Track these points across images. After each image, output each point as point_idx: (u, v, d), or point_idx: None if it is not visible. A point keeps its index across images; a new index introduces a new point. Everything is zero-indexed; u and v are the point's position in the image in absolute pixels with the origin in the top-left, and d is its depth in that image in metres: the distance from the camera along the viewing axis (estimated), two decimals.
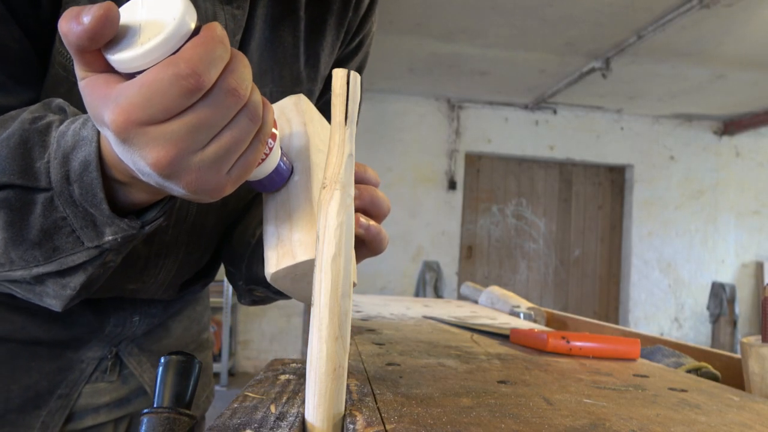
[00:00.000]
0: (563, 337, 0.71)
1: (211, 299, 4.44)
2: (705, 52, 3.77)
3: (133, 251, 0.63)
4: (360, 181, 0.52)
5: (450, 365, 0.64)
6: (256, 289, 0.69)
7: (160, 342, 0.79)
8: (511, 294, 1.38)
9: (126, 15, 0.36)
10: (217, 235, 0.74)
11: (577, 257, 5.57)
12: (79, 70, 0.36)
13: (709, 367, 0.74)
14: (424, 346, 0.77)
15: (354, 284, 0.48)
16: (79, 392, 0.71)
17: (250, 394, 0.49)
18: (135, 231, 0.44)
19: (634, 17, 3.31)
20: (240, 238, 0.71)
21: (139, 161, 0.36)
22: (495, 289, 1.43)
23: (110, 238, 0.44)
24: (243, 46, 0.62)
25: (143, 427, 0.44)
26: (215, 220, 0.71)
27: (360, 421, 0.42)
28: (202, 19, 0.56)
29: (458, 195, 5.25)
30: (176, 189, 0.38)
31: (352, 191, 0.43)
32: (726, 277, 5.48)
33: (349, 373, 0.50)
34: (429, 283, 4.44)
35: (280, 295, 0.69)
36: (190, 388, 0.49)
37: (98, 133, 0.41)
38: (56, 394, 0.69)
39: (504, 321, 1.10)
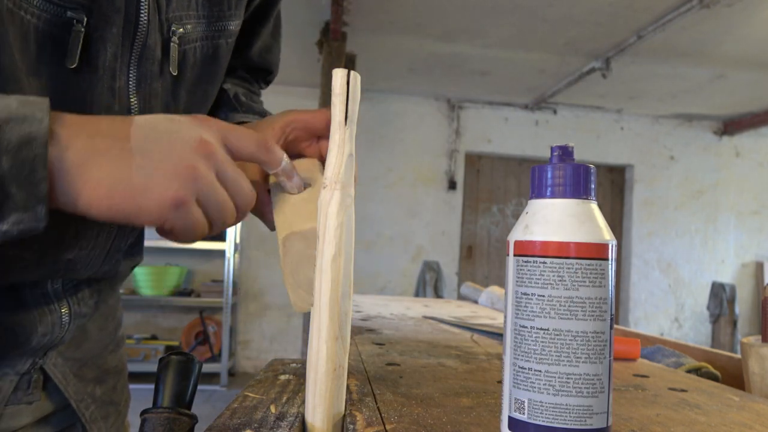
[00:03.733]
0: None
1: (211, 299, 4.48)
2: (705, 52, 3.77)
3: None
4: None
5: (450, 365, 0.64)
6: None
7: (80, 347, 0.70)
8: None
9: None
10: None
11: None
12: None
13: (709, 367, 0.74)
14: (424, 346, 0.77)
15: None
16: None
17: (250, 394, 0.49)
18: (37, 225, 0.39)
19: (634, 17, 3.31)
20: None
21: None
22: (495, 289, 1.43)
23: (8, 227, 0.38)
24: None
25: (143, 427, 0.44)
26: None
27: (360, 421, 0.42)
28: None
29: (458, 195, 5.25)
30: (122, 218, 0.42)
31: (352, 191, 0.43)
32: (726, 277, 5.48)
33: (349, 373, 0.50)
34: (429, 283, 4.44)
35: None
36: (190, 388, 0.49)
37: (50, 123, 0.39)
38: None
39: None
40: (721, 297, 4.90)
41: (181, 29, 0.58)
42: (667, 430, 0.44)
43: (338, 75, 0.44)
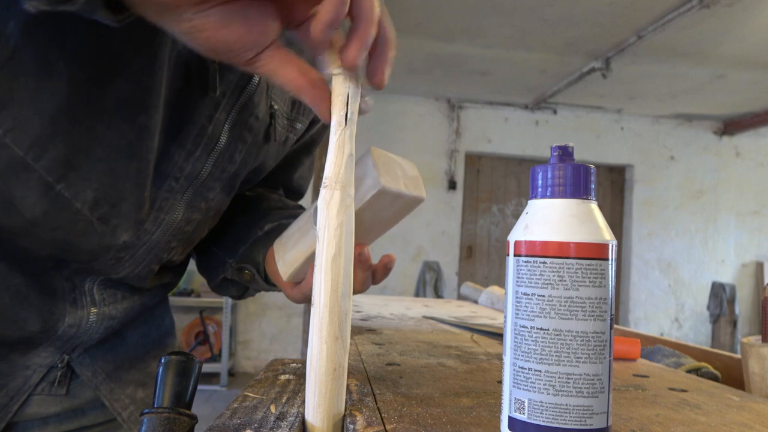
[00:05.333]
0: None
1: (211, 299, 4.48)
2: (705, 52, 3.77)
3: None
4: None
5: (450, 365, 0.64)
6: (246, 268, 0.71)
7: (115, 351, 0.73)
8: None
9: None
10: (198, 240, 0.73)
11: None
12: None
13: (709, 367, 0.74)
14: (424, 346, 0.77)
15: None
16: (21, 403, 0.63)
17: (250, 394, 0.49)
18: None
19: (634, 17, 3.31)
20: (244, 226, 0.73)
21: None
22: (495, 289, 1.43)
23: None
24: None
25: (143, 427, 0.44)
26: (203, 231, 0.70)
27: (360, 421, 0.42)
28: None
29: (458, 195, 5.25)
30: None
31: (352, 191, 0.43)
32: (726, 277, 5.48)
33: (349, 373, 0.50)
34: (429, 283, 4.44)
35: (269, 285, 0.72)
36: (190, 388, 0.49)
37: None
38: None
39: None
40: (721, 297, 4.90)
41: (276, 106, 0.67)
42: (667, 430, 0.44)
43: (338, 74, 0.44)
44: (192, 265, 0.83)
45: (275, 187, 0.85)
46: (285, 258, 0.64)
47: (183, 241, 0.67)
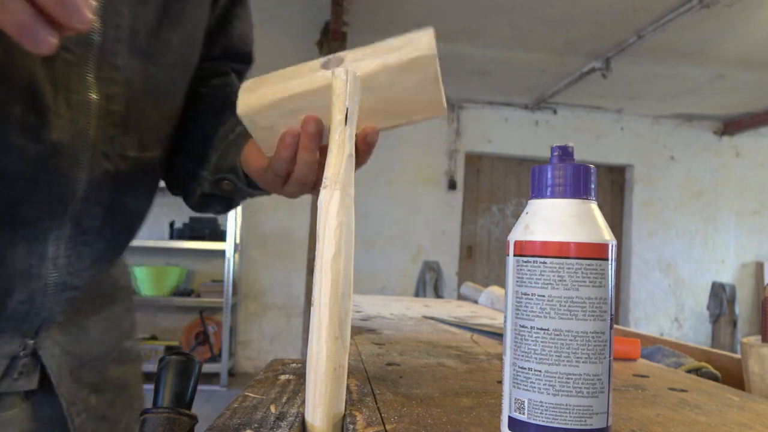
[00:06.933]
0: None
1: (211, 299, 4.48)
2: (705, 52, 3.77)
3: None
4: None
5: (450, 365, 0.64)
6: (225, 179, 0.66)
7: (80, 343, 0.67)
8: None
9: None
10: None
11: None
12: None
13: (709, 367, 0.74)
14: (424, 346, 0.77)
15: None
16: None
17: (250, 394, 0.49)
18: None
19: (634, 17, 3.31)
20: (211, 129, 0.68)
21: None
22: (495, 289, 1.43)
23: None
24: None
25: (143, 427, 0.44)
26: (145, 114, 0.63)
27: (360, 421, 0.42)
28: None
29: (458, 195, 5.25)
30: None
31: (352, 191, 0.43)
32: (726, 277, 5.47)
33: (349, 373, 0.50)
34: (429, 283, 4.44)
35: (251, 188, 0.68)
36: (190, 388, 0.49)
37: None
38: None
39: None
40: (721, 297, 4.90)
41: None
42: (667, 430, 0.44)
43: (338, 75, 0.44)
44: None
45: (218, 59, 0.77)
46: (253, 95, 0.56)
47: (122, 128, 0.60)
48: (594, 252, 0.36)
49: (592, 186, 0.39)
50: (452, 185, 5.21)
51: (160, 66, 0.63)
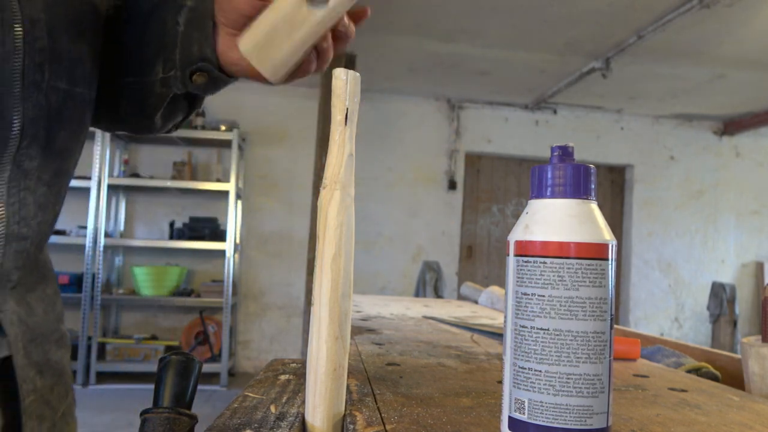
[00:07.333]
0: None
1: (211, 299, 4.48)
2: (705, 52, 3.77)
3: None
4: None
5: (450, 365, 0.64)
6: (200, 68, 0.64)
7: (30, 318, 0.65)
8: None
9: None
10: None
11: None
12: None
13: (709, 367, 0.74)
14: (424, 346, 0.77)
15: None
16: None
17: (250, 394, 0.49)
18: None
19: (634, 17, 3.31)
20: (159, 32, 0.65)
21: None
22: (495, 289, 1.43)
23: None
24: None
25: (143, 427, 0.44)
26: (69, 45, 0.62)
27: (360, 421, 0.42)
28: None
29: (458, 195, 5.25)
30: None
31: (352, 191, 0.43)
32: (726, 277, 5.48)
33: (349, 373, 0.50)
34: (429, 283, 4.44)
35: (226, 76, 0.66)
36: (190, 388, 0.49)
37: None
38: None
39: None
40: (721, 297, 4.90)
41: None
42: (667, 430, 0.44)
43: (338, 75, 0.44)
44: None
45: None
46: (266, 54, 0.61)
47: (49, 55, 0.59)
48: (594, 252, 0.36)
49: (592, 186, 0.39)
50: (452, 185, 5.21)
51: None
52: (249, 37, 0.60)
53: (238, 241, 4.70)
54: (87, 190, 4.40)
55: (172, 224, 4.65)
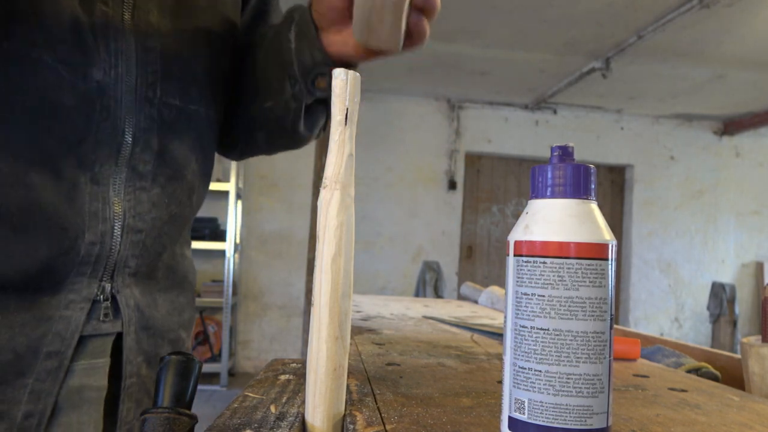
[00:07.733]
0: None
1: (211, 299, 4.48)
2: (705, 52, 3.77)
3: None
4: None
5: (450, 365, 0.64)
6: (318, 73, 0.69)
7: (149, 308, 0.69)
8: None
9: None
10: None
11: None
12: None
13: (709, 367, 0.74)
14: (424, 346, 0.77)
15: None
16: (75, 348, 0.60)
17: (250, 394, 0.49)
18: None
19: (634, 17, 3.31)
20: (275, 56, 0.72)
21: None
22: (495, 289, 1.43)
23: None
24: None
25: (143, 427, 0.44)
26: (190, 62, 0.70)
27: (360, 421, 0.42)
28: None
29: (458, 195, 5.25)
30: None
31: (352, 191, 0.43)
32: (726, 277, 5.48)
33: (349, 373, 0.50)
34: (429, 283, 4.44)
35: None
36: (190, 388, 0.49)
37: None
38: (43, 353, 0.58)
39: None
40: (721, 297, 4.90)
41: None
42: (667, 430, 0.44)
43: (338, 75, 0.44)
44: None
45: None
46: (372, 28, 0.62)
47: (161, 76, 0.65)
48: (594, 252, 0.36)
49: (592, 186, 0.39)
50: (452, 185, 5.21)
51: (188, 25, 0.69)
52: (356, 25, 0.62)
53: (238, 241, 4.70)
54: None
55: None
